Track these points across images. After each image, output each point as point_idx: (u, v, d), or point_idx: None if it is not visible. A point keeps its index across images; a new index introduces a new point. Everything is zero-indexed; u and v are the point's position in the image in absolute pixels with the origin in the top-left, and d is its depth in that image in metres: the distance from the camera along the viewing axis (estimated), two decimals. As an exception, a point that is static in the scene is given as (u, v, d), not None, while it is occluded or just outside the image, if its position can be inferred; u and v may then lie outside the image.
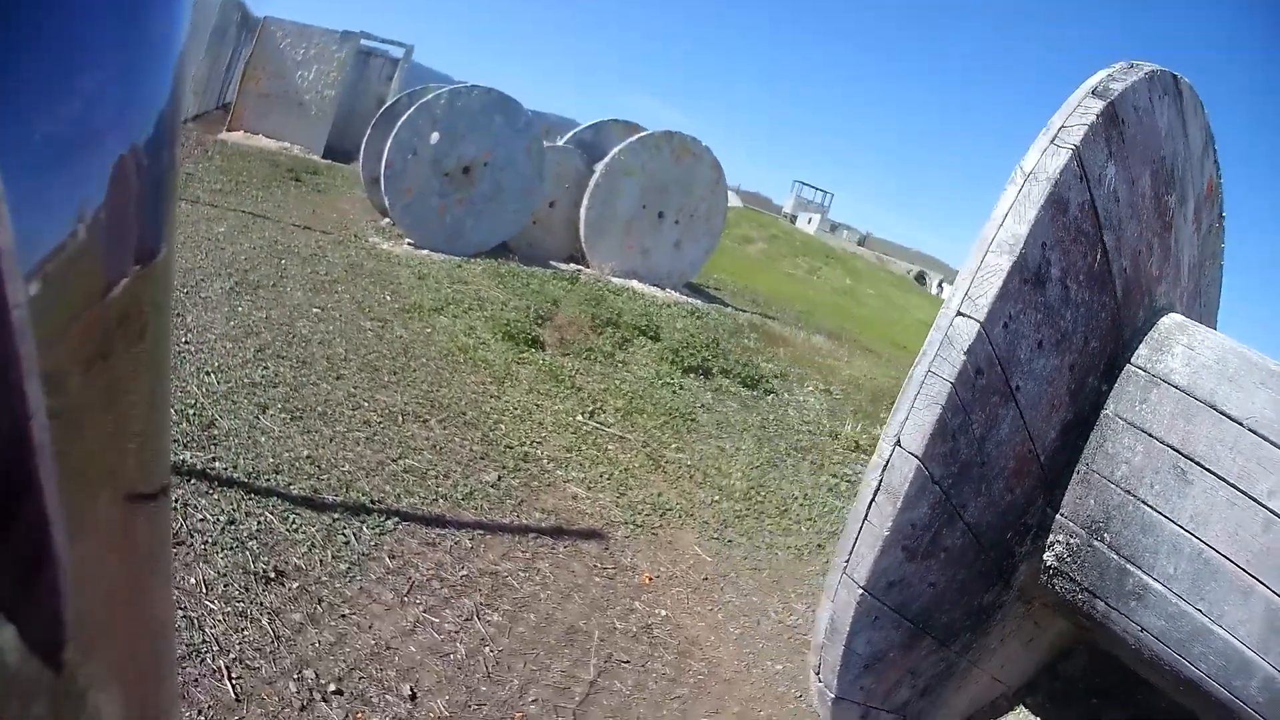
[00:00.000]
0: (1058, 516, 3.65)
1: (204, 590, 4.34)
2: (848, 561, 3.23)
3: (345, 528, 5.43)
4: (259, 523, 5.12)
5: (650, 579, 6.23)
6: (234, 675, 3.91)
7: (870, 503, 3.09)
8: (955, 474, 3.13)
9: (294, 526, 5.23)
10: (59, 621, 0.56)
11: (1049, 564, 3.69)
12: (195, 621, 4.10)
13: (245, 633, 4.21)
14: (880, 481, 3.03)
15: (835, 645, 3.38)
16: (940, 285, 77.37)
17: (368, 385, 8.05)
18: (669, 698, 4.96)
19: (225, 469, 5.59)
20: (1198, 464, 3.34)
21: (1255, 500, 3.18)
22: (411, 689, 4.26)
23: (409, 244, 15.30)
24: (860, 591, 3.21)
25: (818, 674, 3.57)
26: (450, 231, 15.60)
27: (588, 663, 5.00)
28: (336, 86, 28.00)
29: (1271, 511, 3.15)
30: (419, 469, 6.63)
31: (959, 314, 2.93)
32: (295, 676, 4.06)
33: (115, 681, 0.70)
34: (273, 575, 4.69)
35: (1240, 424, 3.30)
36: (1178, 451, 3.39)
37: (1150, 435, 3.47)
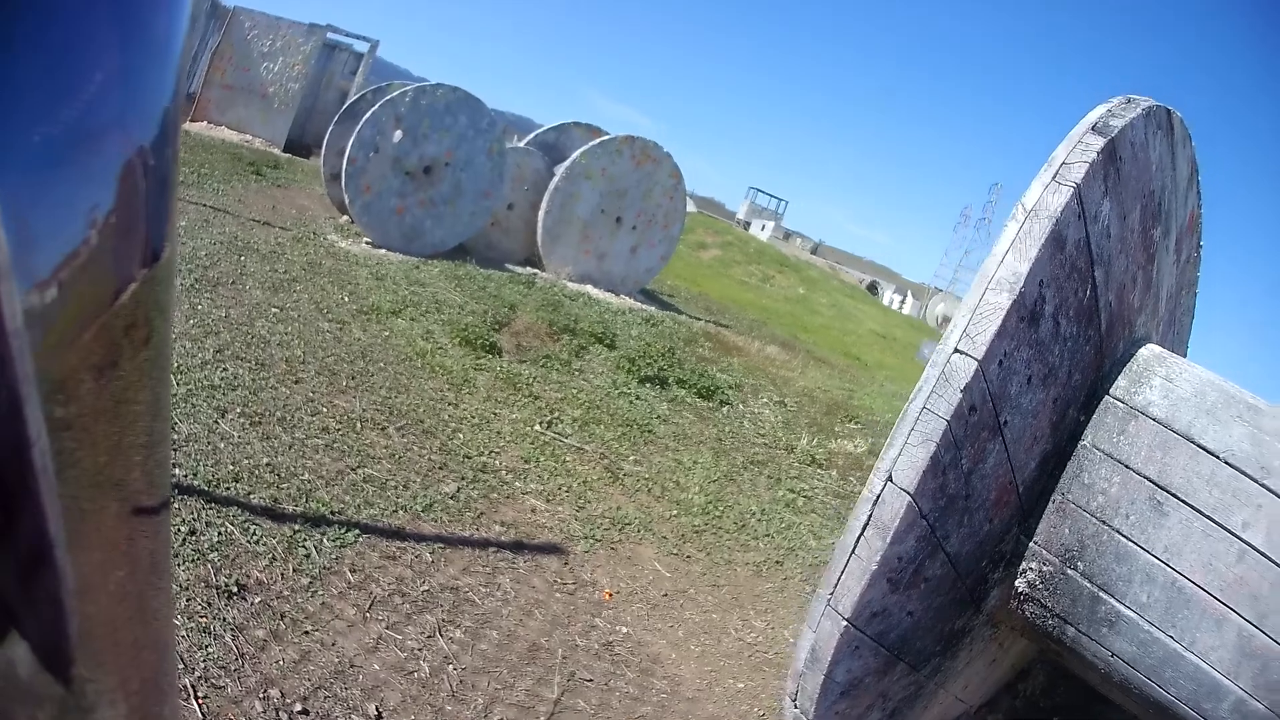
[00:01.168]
0: (1031, 544, 3.66)
1: (166, 604, 4.27)
2: (832, 593, 3.21)
3: (306, 539, 5.36)
4: (220, 534, 5.04)
5: (611, 595, 6.20)
6: (200, 694, 3.84)
7: (859, 536, 3.08)
8: (942, 507, 3.14)
9: (255, 538, 5.14)
10: (64, 635, 0.56)
11: (1020, 590, 3.70)
12: (158, 637, 4.03)
13: (210, 650, 4.14)
14: (870, 516, 3.02)
15: (815, 674, 3.37)
16: (899, 297, 77.90)
17: (326, 390, 7.97)
18: (633, 717, 4.94)
19: (186, 476, 5.50)
20: (1174, 496, 3.36)
21: (1230, 532, 3.21)
22: (377, 709, 4.20)
23: (367, 243, 15.21)
24: (844, 623, 3.20)
25: (794, 701, 3.55)
26: (408, 231, 15.51)
27: (551, 681, 4.97)
28: (301, 80, 27.85)
29: (1246, 543, 3.17)
30: (378, 479, 6.56)
31: (957, 351, 2.92)
32: (261, 695, 3.99)
33: (121, 695, 0.69)
34: (235, 590, 4.61)
35: (1217, 457, 3.33)
36: (1154, 483, 3.41)
37: (1127, 467, 3.48)
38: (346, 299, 11.21)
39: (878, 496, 3.02)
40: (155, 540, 0.73)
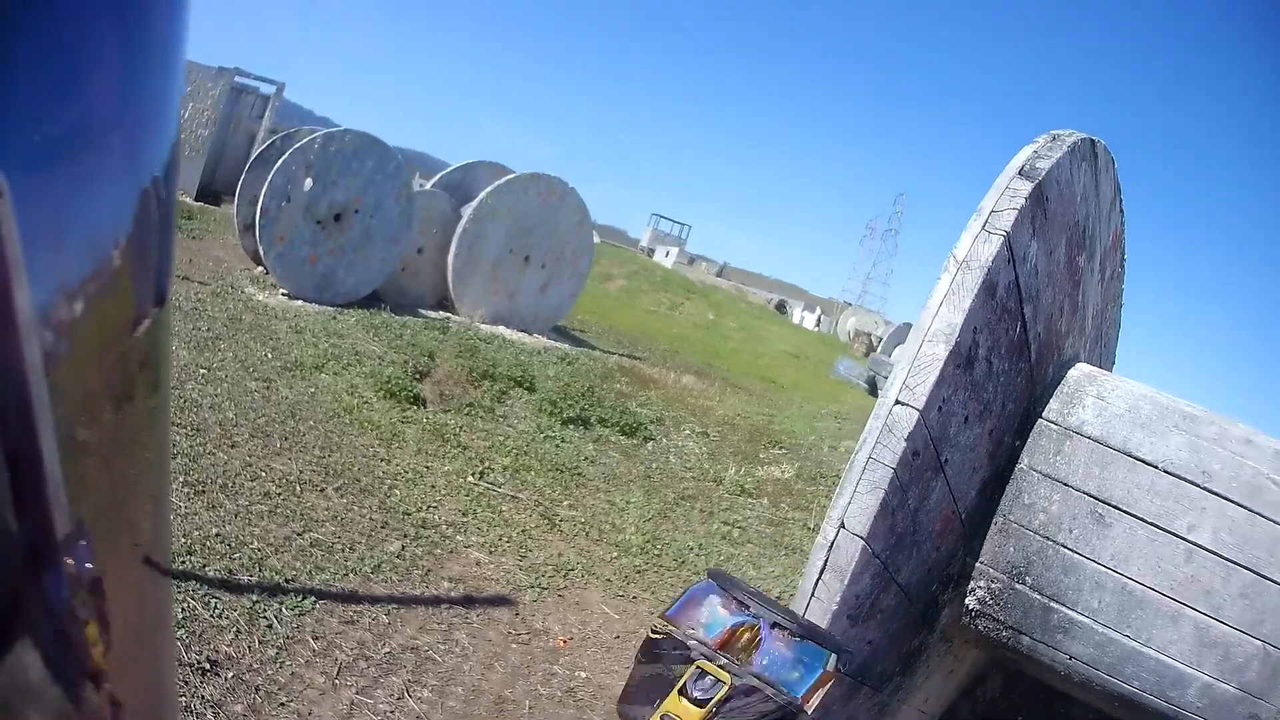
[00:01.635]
0: (978, 565, 3.79)
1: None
2: (797, 635, 3.32)
3: (266, 610, 5.38)
4: (183, 609, 5.04)
5: (565, 641, 6.29)
6: (195, 775, 3.88)
7: (818, 580, 3.20)
8: (893, 545, 3.26)
9: (217, 612, 5.15)
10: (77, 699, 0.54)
11: (971, 607, 3.83)
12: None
13: (194, 730, 4.16)
14: (826, 561, 3.14)
15: (785, 706, 3.47)
16: (809, 314, 77.76)
17: (262, 452, 7.96)
18: (604, 759, 5.02)
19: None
20: (1115, 508, 3.51)
21: (1176, 535, 3.37)
22: (362, 774, 4.26)
23: (284, 294, 15.04)
24: (810, 660, 3.30)
25: (763, 733, 3.65)
26: (321, 281, 15.38)
27: (522, 731, 5.05)
28: (210, 125, 27.18)
29: (1193, 544, 3.34)
30: (325, 542, 6.58)
31: (898, 402, 3.04)
32: (252, 771, 4.04)
33: None
34: (207, 666, 4.63)
35: (1156, 467, 3.48)
36: (1094, 498, 3.56)
37: (1066, 485, 3.63)
38: (269, 355, 11.14)
39: (832, 543, 3.14)
40: (161, 595, 0.72)
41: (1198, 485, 3.44)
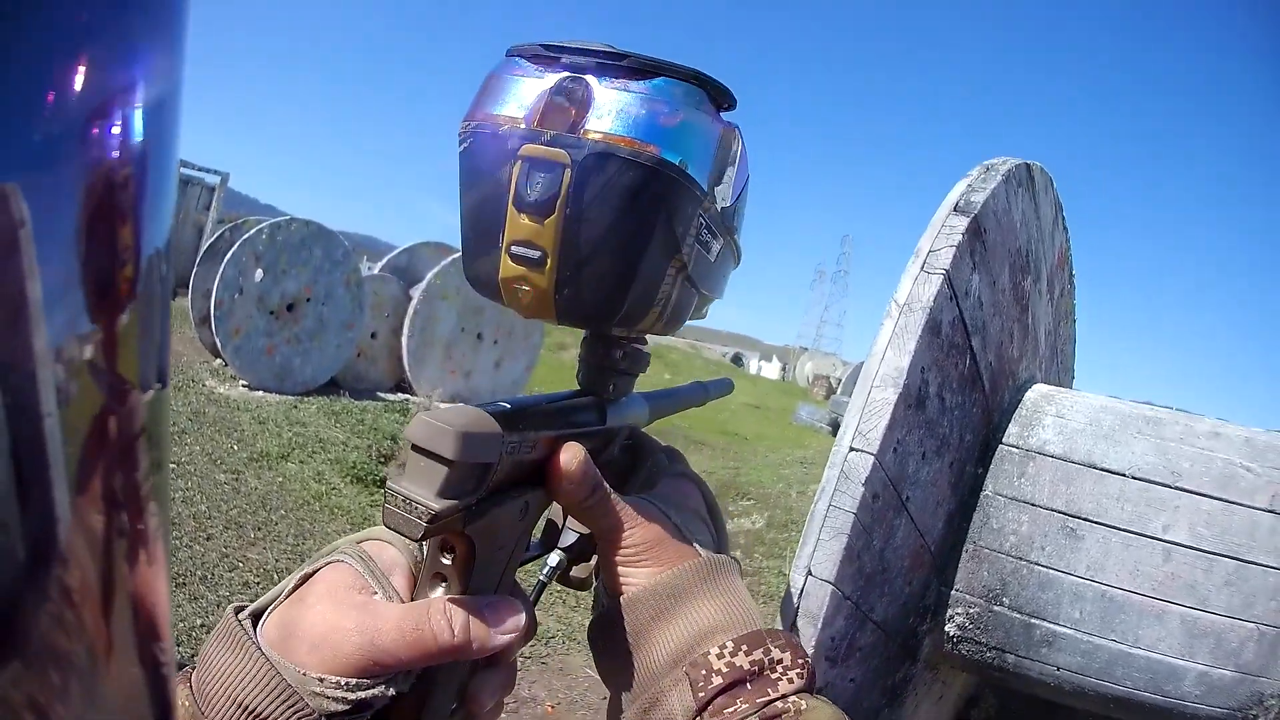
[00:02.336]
0: (954, 592, 3.80)
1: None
2: (781, 679, 3.32)
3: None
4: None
5: (553, 708, 6.29)
6: None
7: (792, 626, 3.21)
8: (863, 586, 3.27)
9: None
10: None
11: (951, 634, 3.83)
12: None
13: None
14: (799, 608, 3.14)
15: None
16: (765, 363, 77.83)
17: (237, 543, 8.01)
18: (602, 823, 5.00)
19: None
20: (1086, 520, 3.51)
21: (1151, 537, 3.37)
22: None
23: (244, 385, 15.04)
24: (797, 702, 3.30)
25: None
26: (279, 370, 15.43)
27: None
28: None
29: (1171, 543, 3.34)
30: (305, 631, 6.51)
31: (852, 449, 3.05)
32: None
33: None
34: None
35: (1124, 475, 3.49)
36: (1064, 513, 3.57)
37: (1033, 505, 3.64)
38: (235, 447, 11.14)
39: (802, 590, 3.15)
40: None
41: (1168, 486, 3.46)
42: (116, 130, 0.44)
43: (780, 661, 1.14)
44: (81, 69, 0.41)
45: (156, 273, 0.49)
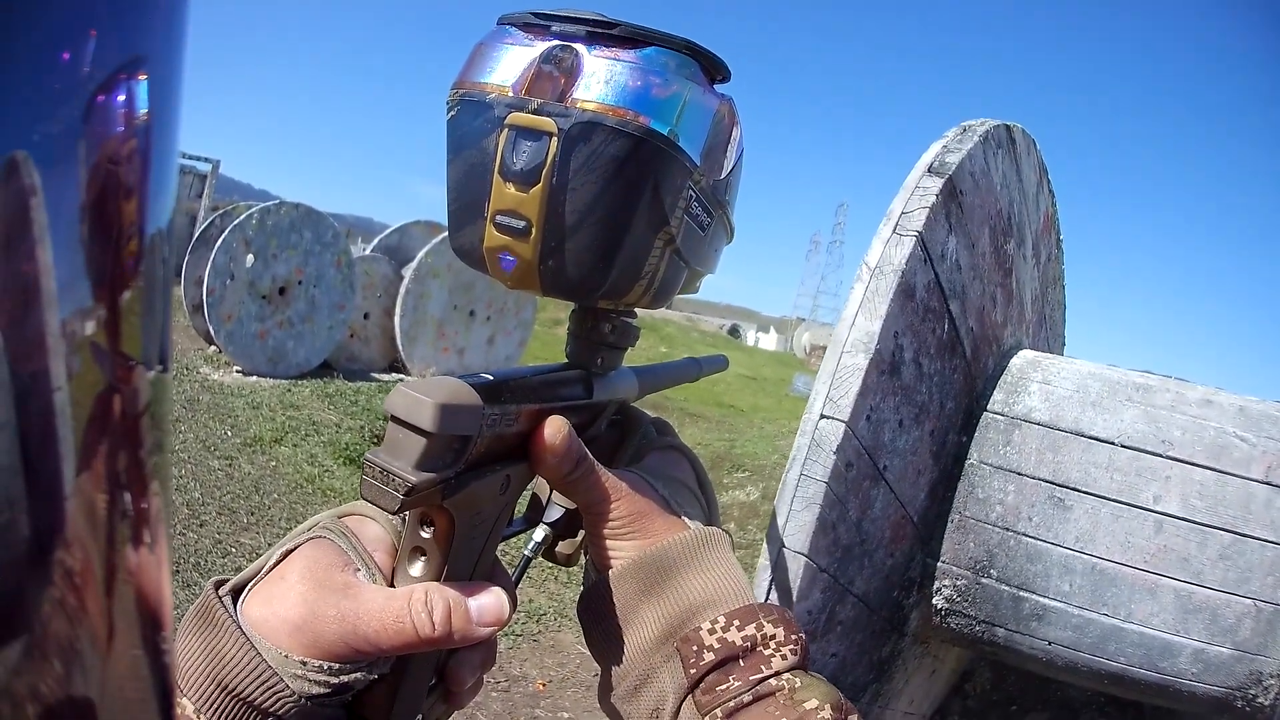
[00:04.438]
0: (939, 564, 3.74)
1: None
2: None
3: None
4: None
5: (544, 685, 6.23)
6: None
7: (765, 600, 3.14)
8: (839, 558, 3.21)
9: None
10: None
11: (939, 607, 3.78)
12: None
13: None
14: (772, 581, 3.08)
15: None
16: (763, 334, 77.82)
17: (230, 529, 7.93)
18: (595, 801, 4.95)
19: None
20: (1074, 489, 3.46)
21: (1142, 508, 3.31)
22: None
23: (238, 370, 15.03)
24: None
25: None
26: (273, 355, 15.39)
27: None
28: None
29: (1162, 514, 3.28)
30: (296, 615, 6.47)
31: (823, 416, 2.98)
32: None
33: None
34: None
35: (1112, 443, 3.43)
36: (1051, 482, 3.51)
37: (1019, 474, 3.58)
38: (229, 432, 11.06)
39: (774, 562, 3.09)
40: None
41: (1159, 455, 3.39)
42: (122, 102, 0.44)
43: (773, 637, 1.11)
44: (88, 42, 0.41)
45: (159, 253, 0.49)
